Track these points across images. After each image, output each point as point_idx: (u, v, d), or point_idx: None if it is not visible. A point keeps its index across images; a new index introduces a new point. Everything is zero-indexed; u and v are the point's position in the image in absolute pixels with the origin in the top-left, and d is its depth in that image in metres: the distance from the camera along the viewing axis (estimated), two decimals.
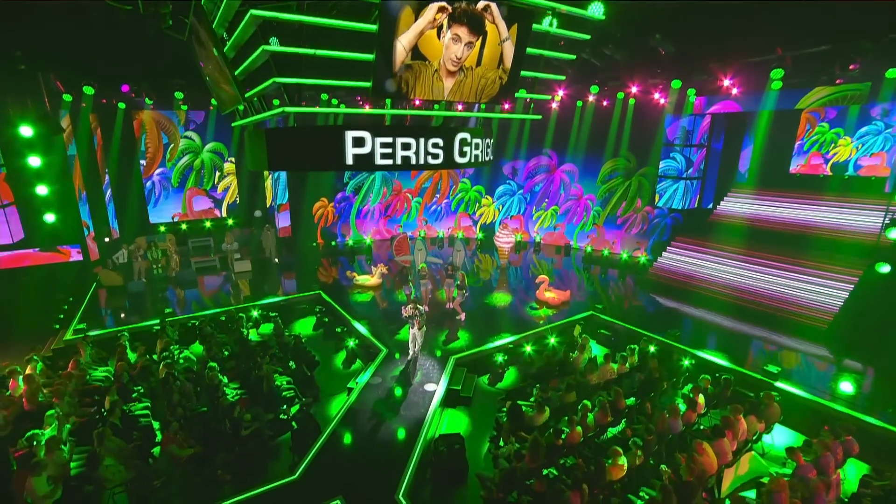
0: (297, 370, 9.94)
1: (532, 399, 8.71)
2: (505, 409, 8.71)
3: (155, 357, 9.83)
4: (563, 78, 8.23)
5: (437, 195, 20.99)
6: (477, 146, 6.29)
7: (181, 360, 9.54)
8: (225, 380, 9.12)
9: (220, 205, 18.87)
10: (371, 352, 11.02)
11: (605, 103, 17.60)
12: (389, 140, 5.54)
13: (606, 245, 18.83)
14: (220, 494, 6.95)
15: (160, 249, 14.98)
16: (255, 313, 12.43)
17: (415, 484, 7.17)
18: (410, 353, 10.19)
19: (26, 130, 12.05)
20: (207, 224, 18.23)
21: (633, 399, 8.72)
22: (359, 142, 5.48)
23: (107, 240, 14.88)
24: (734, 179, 16.80)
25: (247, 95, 6.14)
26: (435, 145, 5.80)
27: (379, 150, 5.54)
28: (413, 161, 5.70)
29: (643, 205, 17.96)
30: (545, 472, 7.00)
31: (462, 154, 6.10)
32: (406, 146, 5.60)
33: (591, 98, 17.09)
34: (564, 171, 19.89)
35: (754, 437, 7.80)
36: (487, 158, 6.84)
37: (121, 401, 8.04)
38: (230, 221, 18.54)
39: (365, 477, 7.13)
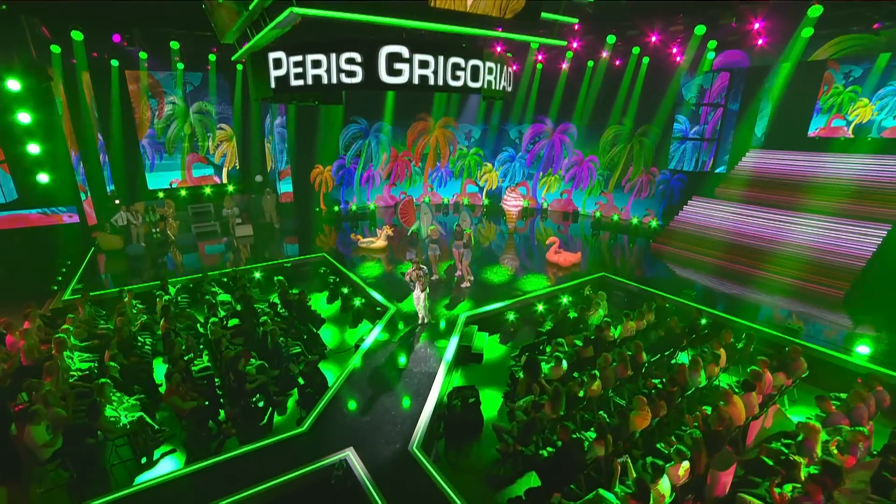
0: (302, 328, 9.63)
1: (548, 354, 8.39)
2: (520, 364, 8.41)
3: (156, 316, 9.50)
4: (576, 21, 7.62)
5: (439, 162, 20.43)
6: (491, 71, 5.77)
7: (180, 320, 9.21)
8: (228, 336, 8.79)
9: (220, 171, 18.34)
10: (378, 311, 10.70)
11: (617, 63, 16.88)
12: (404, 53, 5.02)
13: (615, 211, 18.37)
14: (224, 448, 6.69)
15: (158, 214, 14.54)
16: (257, 275, 12.07)
17: (426, 439, 6.90)
18: (420, 318, 9.90)
19: (13, 84, 11.48)
20: (207, 191, 17.75)
21: (650, 357, 8.40)
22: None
23: (117, 201, 14.30)
24: (750, 141, 16.22)
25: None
26: (456, 66, 5.28)
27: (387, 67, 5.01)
28: (431, 81, 5.19)
29: (647, 168, 17.45)
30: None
31: (479, 78, 5.58)
32: (424, 64, 5.09)
33: (604, 55, 16.37)
34: (564, 133, 19.29)
35: (779, 392, 7.50)
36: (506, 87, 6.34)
37: (120, 354, 7.73)
38: (230, 188, 18.04)
39: (375, 431, 6.85)
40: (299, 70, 5.41)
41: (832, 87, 14.61)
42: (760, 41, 11.93)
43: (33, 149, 12.08)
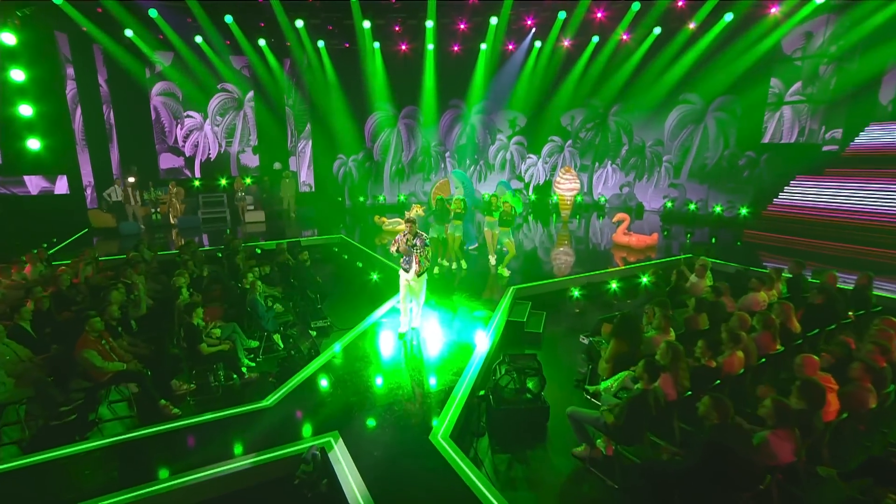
0: (300, 296, 7.47)
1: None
2: (596, 339, 5.83)
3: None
4: None
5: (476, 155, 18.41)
6: None
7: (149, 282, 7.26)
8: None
9: (192, 164, 16.94)
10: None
11: (691, 26, 14.59)
12: None
13: (691, 201, 15.54)
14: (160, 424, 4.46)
15: (157, 191, 13.17)
16: (258, 250, 10.16)
17: (461, 431, 4.42)
18: (402, 324, 6.44)
19: (8, 38, 10.54)
20: (223, 182, 16.43)
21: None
22: None
23: (131, 179, 12.97)
24: (873, 110, 13.11)
25: None
26: None
27: None
28: None
29: (727, 147, 14.70)
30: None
31: None
32: None
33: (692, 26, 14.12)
34: (612, 117, 16.92)
35: None
36: None
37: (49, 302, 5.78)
38: (248, 180, 16.68)
39: (376, 413, 4.45)
40: None
41: None
42: None
43: (25, 110, 10.98)
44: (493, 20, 14.49)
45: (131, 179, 13.09)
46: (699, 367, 4.37)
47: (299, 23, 13.91)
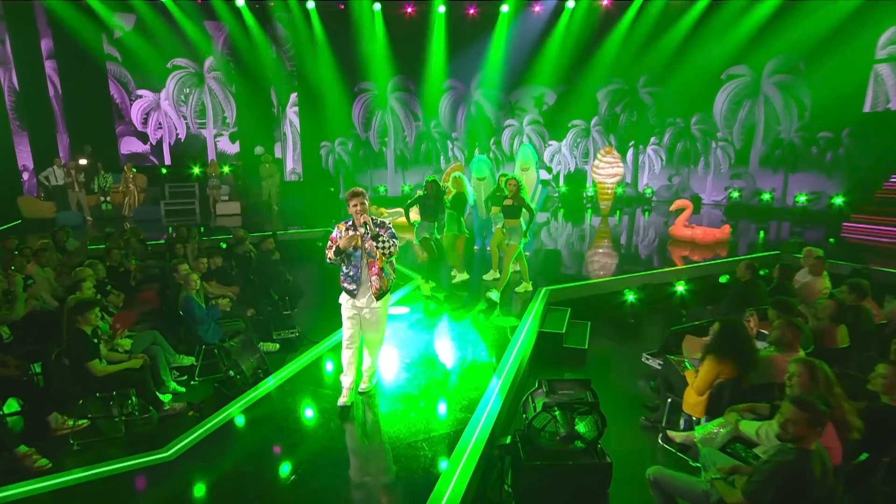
0: (262, 297, 6.19)
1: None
2: (675, 357, 4.41)
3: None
4: None
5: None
6: None
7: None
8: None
9: (159, 151, 15.91)
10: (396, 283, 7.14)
11: None
12: None
13: (763, 191, 13.93)
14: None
15: (108, 176, 12.09)
16: (223, 245, 8.97)
17: (473, 500, 3.05)
18: (344, 386, 4.11)
19: None
20: (196, 170, 15.38)
21: None
22: None
23: (82, 161, 11.87)
24: None
25: None
26: None
27: None
28: None
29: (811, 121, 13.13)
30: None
31: None
32: None
33: None
34: (646, 90, 15.43)
35: None
36: None
37: None
38: (225, 168, 15.62)
39: (352, 479, 3.11)
40: None
41: None
42: None
43: None
44: None
45: (82, 161, 12.06)
46: (880, 409, 2.90)
47: None
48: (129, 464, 3.22)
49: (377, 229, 3.78)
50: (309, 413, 4.02)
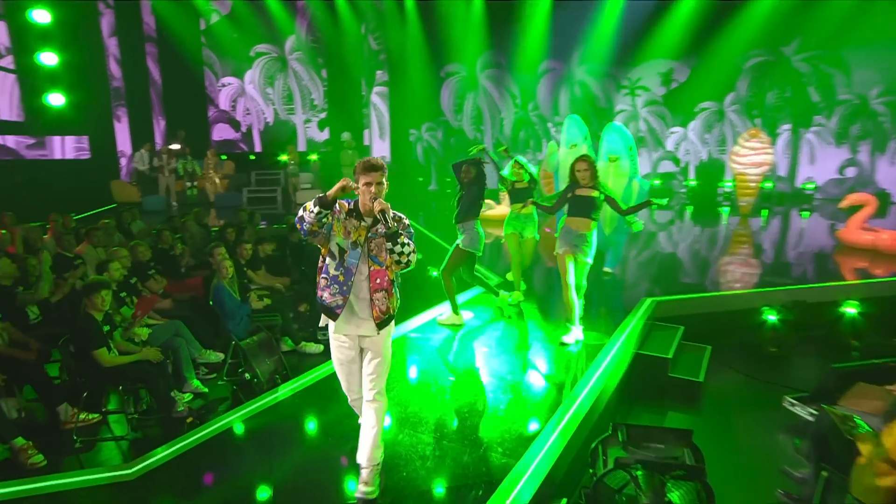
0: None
1: None
2: (839, 413, 3.30)
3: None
4: None
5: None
6: None
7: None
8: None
9: (249, 138, 16.61)
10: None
11: None
12: None
13: None
14: None
15: (194, 162, 12.87)
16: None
17: None
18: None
19: None
20: (284, 157, 16.07)
21: None
22: None
23: (175, 146, 12.96)
24: None
25: None
26: None
27: None
28: None
29: None
30: None
31: None
32: None
33: None
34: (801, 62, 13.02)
35: None
36: None
37: None
38: (313, 156, 16.14)
39: None
40: None
41: None
42: None
43: (49, 59, 11.23)
44: None
45: (175, 147, 13.02)
46: None
47: None
48: (84, 479, 2.93)
49: (395, 225, 2.72)
50: (311, 436, 3.53)
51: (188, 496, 2.91)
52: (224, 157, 15.07)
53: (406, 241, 2.72)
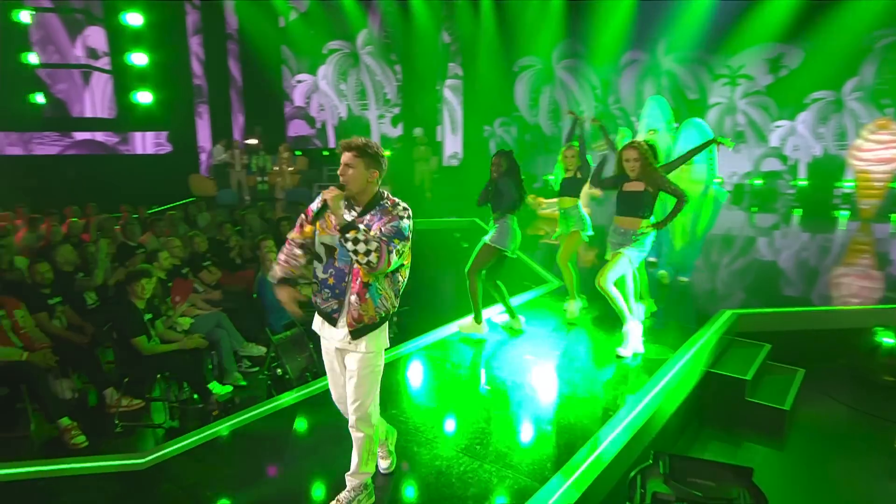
0: None
1: None
2: None
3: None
4: None
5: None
6: None
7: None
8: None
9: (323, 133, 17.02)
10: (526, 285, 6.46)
11: None
12: None
13: None
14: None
15: (266, 157, 13.46)
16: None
17: None
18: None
19: None
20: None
21: None
22: None
23: (252, 141, 13.86)
24: None
25: None
26: None
27: None
28: None
29: None
30: None
31: None
32: None
33: None
34: None
35: None
36: None
37: None
38: (387, 153, 16.40)
39: None
40: None
41: None
42: None
43: (139, 59, 12.18)
44: None
45: (251, 142, 13.72)
46: None
47: None
48: (95, 465, 3.03)
49: (369, 218, 2.51)
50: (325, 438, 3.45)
51: (197, 490, 2.93)
52: (299, 152, 15.69)
53: (360, 237, 2.38)
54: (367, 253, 2.38)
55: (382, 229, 2.48)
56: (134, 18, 12.07)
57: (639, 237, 4.26)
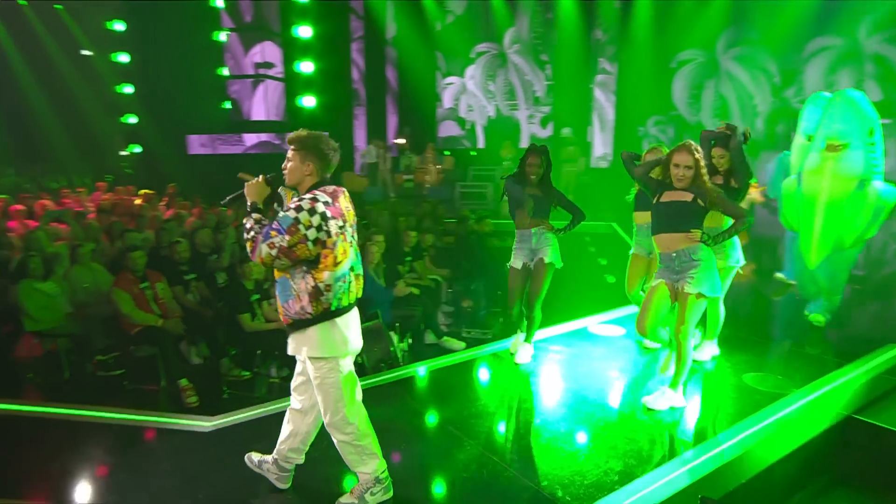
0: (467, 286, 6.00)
1: None
2: None
3: None
4: None
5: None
6: None
7: None
8: None
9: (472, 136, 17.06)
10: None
11: None
12: None
13: None
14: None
15: (412, 155, 14.04)
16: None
17: None
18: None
19: None
20: (506, 154, 16.54)
21: None
22: None
23: (401, 140, 14.84)
24: None
25: None
26: None
27: None
28: None
29: None
30: None
31: None
32: None
33: None
34: None
35: None
36: None
37: None
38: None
39: None
40: None
41: None
42: None
43: (307, 67, 13.53)
44: None
45: (399, 141, 14.51)
46: None
47: None
48: (166, 420, 3.39)
49: (289, 205, 2.49)
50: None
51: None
52: (447, 152, 16.19)
53: (247, 225, 2.44)
54: (246, 242, 2.42)
55: (290, 210, 2.43)
56: (304, 31, 13.45)
57: (699, 266, 3.37)
